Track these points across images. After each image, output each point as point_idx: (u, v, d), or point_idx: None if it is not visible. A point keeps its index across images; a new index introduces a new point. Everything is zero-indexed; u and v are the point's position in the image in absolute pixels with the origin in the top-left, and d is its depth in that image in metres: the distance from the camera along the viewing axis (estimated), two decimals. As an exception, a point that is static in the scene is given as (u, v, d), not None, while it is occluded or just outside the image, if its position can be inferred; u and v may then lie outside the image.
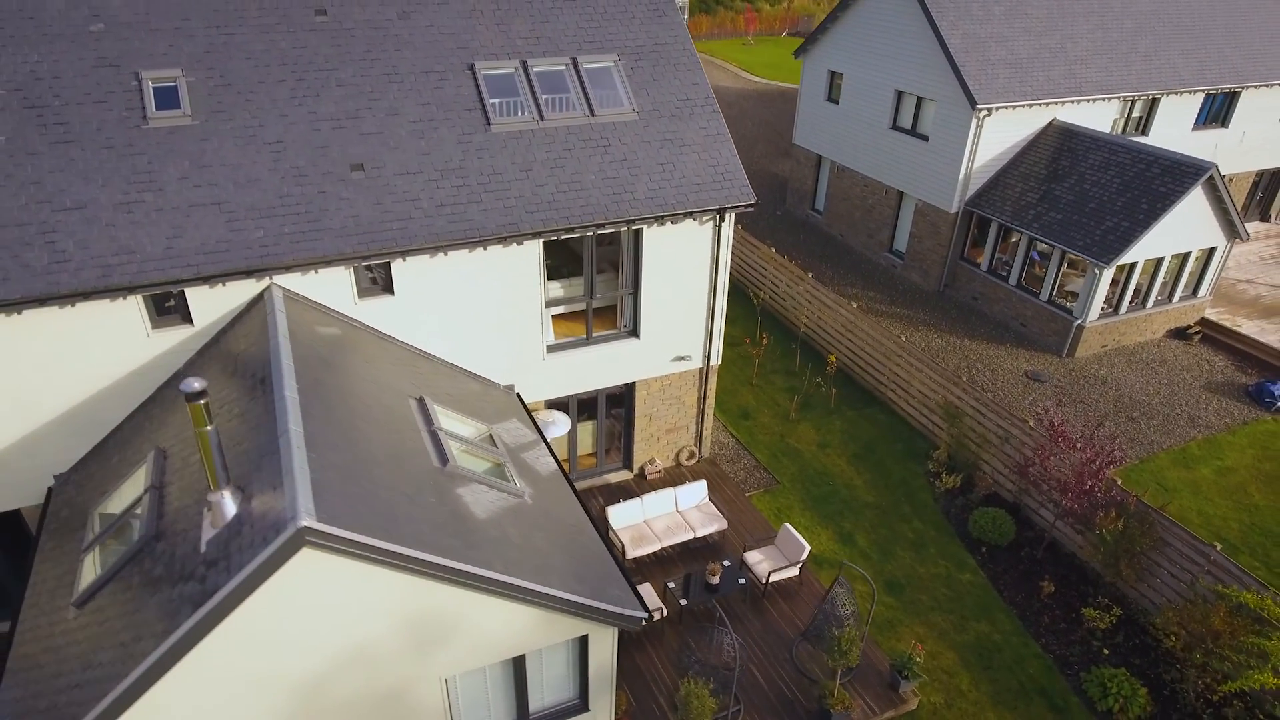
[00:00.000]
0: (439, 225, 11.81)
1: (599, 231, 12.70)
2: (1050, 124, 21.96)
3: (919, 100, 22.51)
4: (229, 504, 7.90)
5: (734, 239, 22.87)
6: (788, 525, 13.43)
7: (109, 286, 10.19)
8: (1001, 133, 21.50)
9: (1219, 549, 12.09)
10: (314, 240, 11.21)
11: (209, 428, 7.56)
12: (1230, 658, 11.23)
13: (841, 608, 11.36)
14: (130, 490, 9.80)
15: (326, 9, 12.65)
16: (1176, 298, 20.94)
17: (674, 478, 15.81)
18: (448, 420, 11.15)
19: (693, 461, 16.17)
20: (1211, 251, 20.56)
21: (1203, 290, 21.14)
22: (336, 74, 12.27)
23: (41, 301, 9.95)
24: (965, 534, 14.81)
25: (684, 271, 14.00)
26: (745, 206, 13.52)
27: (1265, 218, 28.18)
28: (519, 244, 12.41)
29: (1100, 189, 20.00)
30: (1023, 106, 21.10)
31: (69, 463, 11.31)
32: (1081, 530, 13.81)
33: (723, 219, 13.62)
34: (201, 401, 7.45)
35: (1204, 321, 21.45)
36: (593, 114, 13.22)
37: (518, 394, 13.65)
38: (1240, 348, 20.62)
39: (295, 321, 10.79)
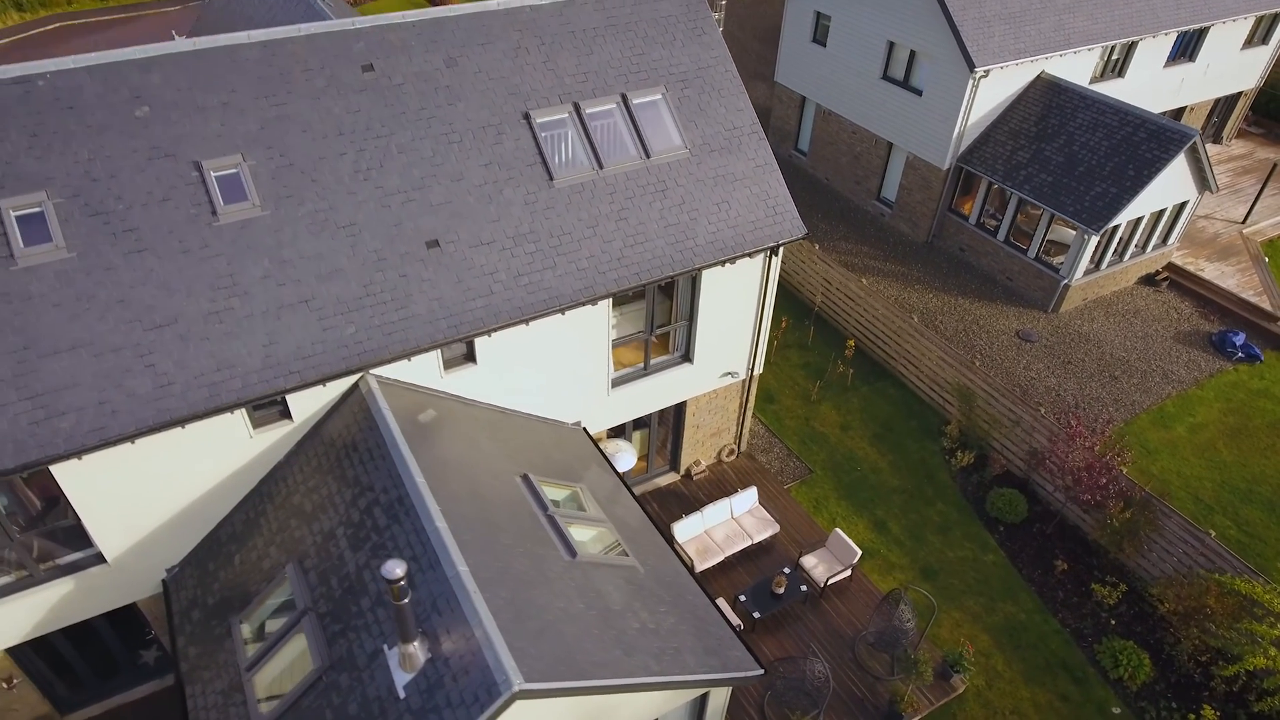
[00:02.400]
0: (519, 297, 11.96)
1: (665, 281, 13.02)
2: (1039, 77, 22.37)
3: (912, 53, 22.49)
4: (419, 653, 8.59)
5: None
6: (838, 530, 14.78)
7: (216, 407, 10.22)
8: (995, 89, 21.86)
9: (1213, 535, 14.02)
10: (404, 330, 11.29)
11: (406, 601, 8.11)
12: (1223, 635, 13.35)
13: (906, 622, 12.91)
14: (274, 603, 10.30)
15: (373, 64, 12.03)
16: (1149, 248, 22.39)
17: (716, 475, 16.91)
18: (551, 491, 11.80)
19: (732, 458, 17.24)
20: (1184, 204, 21.88)
21: (1172, 239, 22.62)
22: (395, 138, 11.87)
23: (154, 430, 9.96)
24: (983, 512, 16.52)
25: (736, 300, 14.49)
26: (796, 240, 13.94)
27: (1218, 140, 29.63)
28: (593, 304, 12.66)
29: (1089, 151, 20.83)
30: (1017, 65, 21.38)
31: (178, 556, 11.61)
32: (1089, 511, 15.59)
33: (775, 253, 14.03)
34: (400, 582, 7.95)
35: (1170, 267, 23.09)
36: (648, 156, 13.18)
37: (584, 429, 14.27)
38: (1203, 293, 22.42)
39: (400, 416, 11.07)
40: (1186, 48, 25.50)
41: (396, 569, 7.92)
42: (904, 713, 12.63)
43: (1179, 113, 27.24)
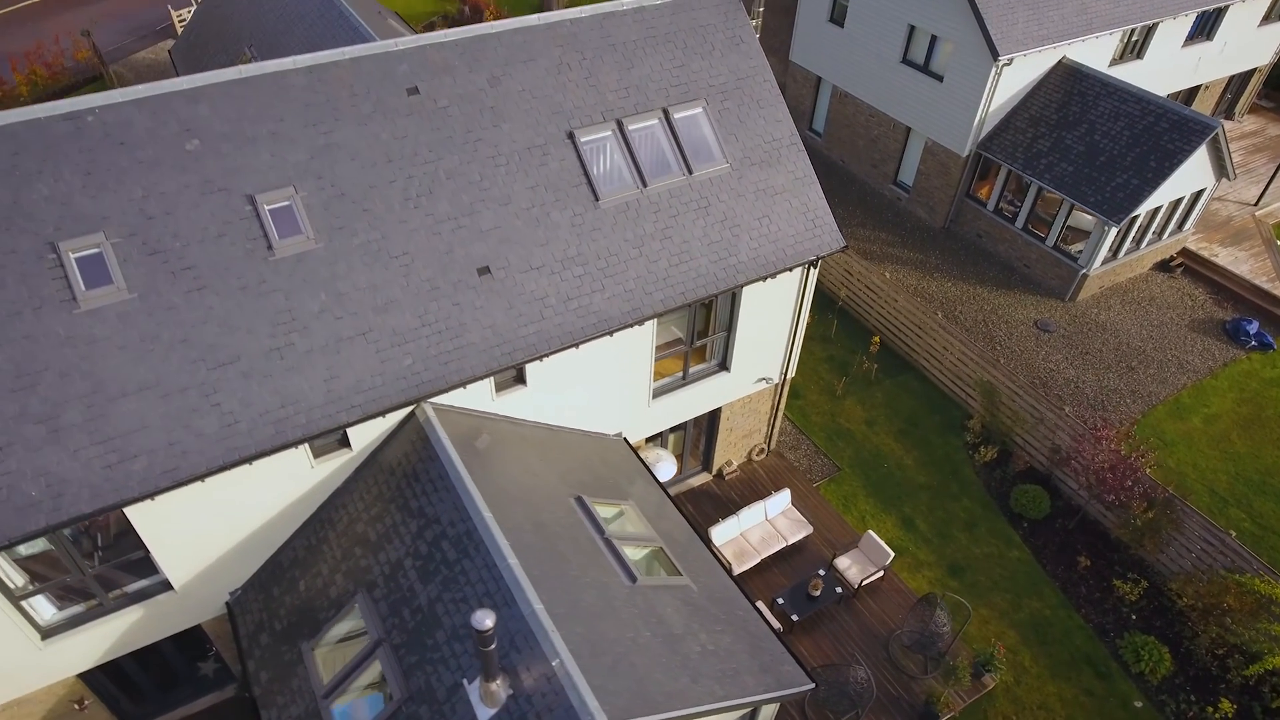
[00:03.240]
0: (569, 321, 12.07)
1: (708, 300, 13.15)
2: (1060, 62, 22.24)
3: (933, 38, 22.27)
4: (501, 690, 8.94)
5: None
6: (871, 532, 15.19)
7: (282, 444, 10.38)
8: (1016, 76, 21.73)
9: (1233, 535, 14.53)
10: (459, 359, 11.42)
11: (492, 647, 8.41)
12: (1242, 632, 13.93)
13: (942, 627, 13.41)
14: (344, 630, 10.60)
15: (418, 86, 11.91)
16: (1165, 235, 22.56)
17: (747, 474, 17.26)
18: (603, 510, 12.10)
19: (762, 456, 17.57)
20: (1201, 190, 21.99)
21: (1188, 225, 22.79)
22: (443, 163, 11.83)
23: (224, 469, 10.13)
24: (1007, 508, 16.98)
25: (773, 310, 14.63)
26: (835, 252, 14.05)
27: (1230, 115, 29.60)
28: (639, 325, 12.79)
29: (1111, 141, 20.85)
30: (1040, 51, 21.23)
31: (241, 580, 11.88)
32: (1111, 509, 16.05)
33: (813, 265, 14.14)
34: (489, 633, 8.23)
35: (1185, 252, 23.31)
36: (690, 172, 13.19)
37: (625, 439, 14.52)
38: (1216, 279, 22.69)
39: (458, 444, 11.27)
40: (1205, 26, 25.31)
41: (486, 620, 8.19)
42: (940, 713, 13.19)
43: (1194, 91, 27.18)
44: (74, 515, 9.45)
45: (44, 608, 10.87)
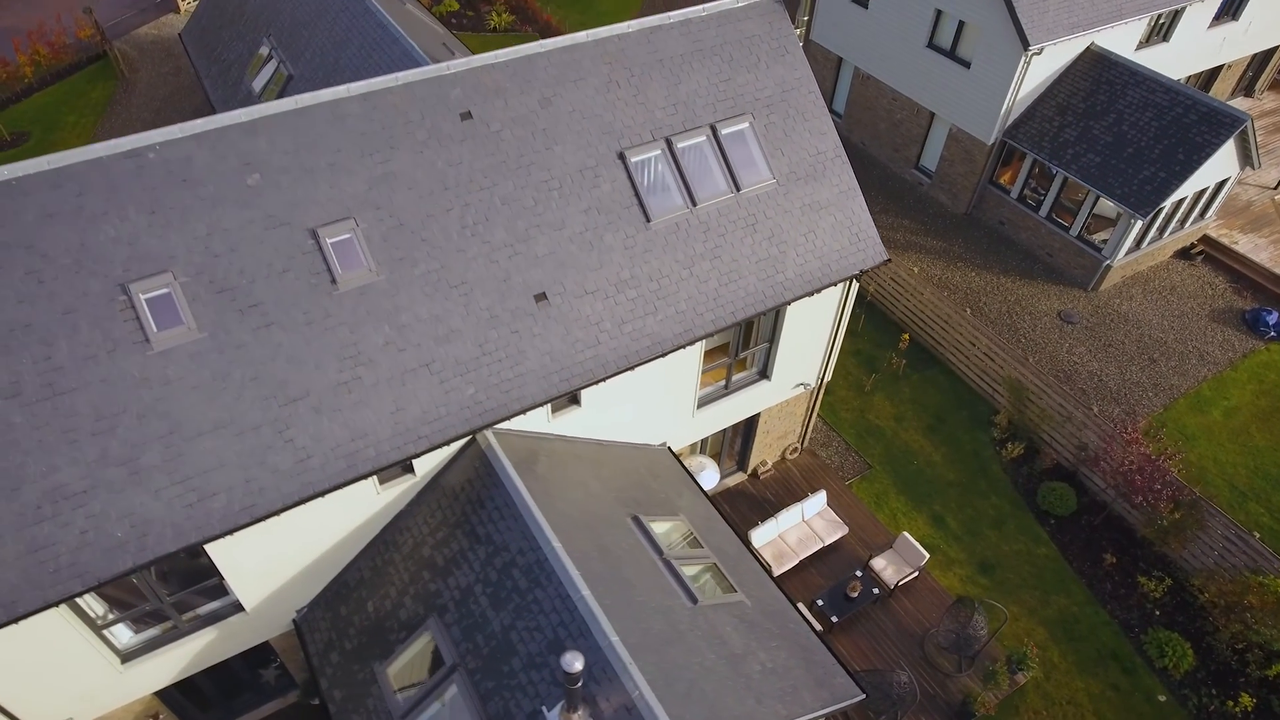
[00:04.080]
0: (623, 345, 12.24)
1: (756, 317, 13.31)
2: (1087, 49, 22.06)
3: (961, 23, 22.01)
4: (584, 721, 9.36)
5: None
6: (906, 534, 15.62)
7: (354, 476, 10.61)
8: (1045, 64, 21.58)
9: (1258, 537, 15.00)
10: (519, 387, 11.60)
11: (579, 684, 8.78)
12: (1263, 631, 14.49)
13: (980, 630, 13.91)
14: (417, 653, 10.97)
15: (470, 110, 11.86)
16: (1187, 224, 22.67)
17: (781, 473, 17.61)
18: (658, 527, 12.43)
19: (795, 455, 17.91)
20: (1225, 179, 22.05)
21: (1210, 213, 22.89)
22: (498, 189, 11.86)
23: (299, 504, 10.37)
24: (1034, 505, 17.42)
25: (814, 321, 14.80)
26: (879, 265, 14.18)
27: (1250, 93, 29.46)
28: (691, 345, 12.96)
29: (1138, 132, 20.82)
30: (1070, 40, 21.05)
31: (307, 599, 12.22)
32: (1137, 507, 16.49)
33: (855, 278, 14.26)
34: (577, 675, 8.59)
35: (1205, 239, 23.45)
36: (738, 189, 13.23)
37: (669, 449, 14.80)
38: (1236, 268, 22.88)
39: (520, 470, 11.52)
40: (1230, 6, 25.05)
41: (576, 664, 8.54)
42: (976, 712, 13.77)
43: (1216, 71, 27.00)
44: (159, 555, 9.70)
45: (122, 633, 11.19)
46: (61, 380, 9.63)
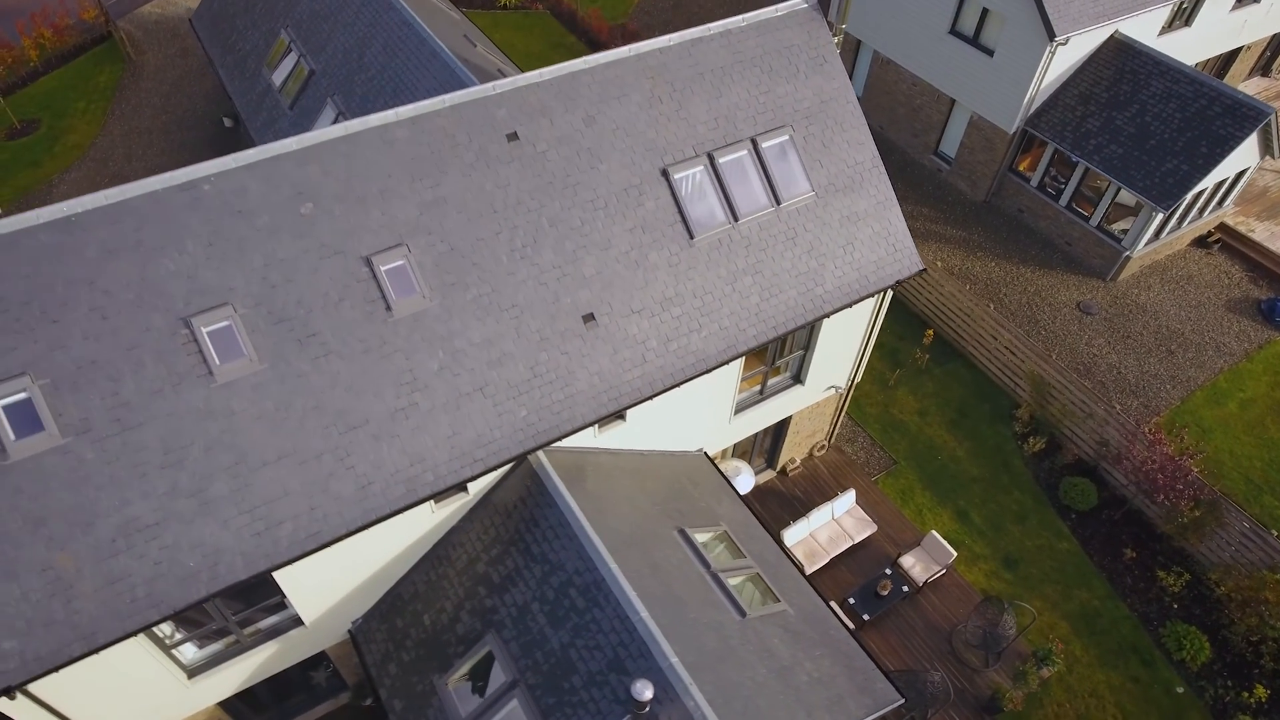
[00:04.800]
0: (669, 363, 12.42)
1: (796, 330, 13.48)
2: (1110, 38, 21.91)
3: (985, 10, 21.81)
4: (650, 739, 9.77)
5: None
6: (934, 533, 16.02)
7: (413, 501, 10.86)
8: (1069, 53, 21.45)
9: (1276, 534, 15.44)
10: (569, 408, 11.80)
11: (646, 710, 9.16)
12: (1279, 625, 15.01)
13: (1009, 630, 14.38)
14: (475, 666, 11.34)
15: (516, 131, 11.86)
16: (1206, 213, 22.77)
17: (809, 470, 17.95)
18: (701, 538, 12.75)
19: (822, 452, 18.23)
20: (1244, 169, 22.10)
21: (1228, 202, 22.98)
22: (545, 211, 11.92)
23: (362, 529, 10.63)
24: (1055, 500, 17.82)
25: (849, 330, 14.98)
26: (914, 275, 14.32)
27: (1266, 73, 29.32)
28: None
29: (1162, 124, 20.80)
30: (1095, 29, 20.90)
31: (362, 611, 12.56)
32: (1159, 504, 16.90)
33: (891, 288, 14.41)
34: (647, 704, 8.95)
35: (1222, 227, 23.57)
36: (778, 203, 13.30)
37: (705, 454, 15.08)
38: (1253, 256, 23.06)
39: (571, 488, 11.79)
40: (1253, -12, 24.83)
41: (646, 692, 8.92)
42: (1005, 708, 14.30)
43: (1235, 53, 26.83)
44: (230, 583, 9.98)
45: (188, 649, 11.53)
46: (129, 415, 9.79)
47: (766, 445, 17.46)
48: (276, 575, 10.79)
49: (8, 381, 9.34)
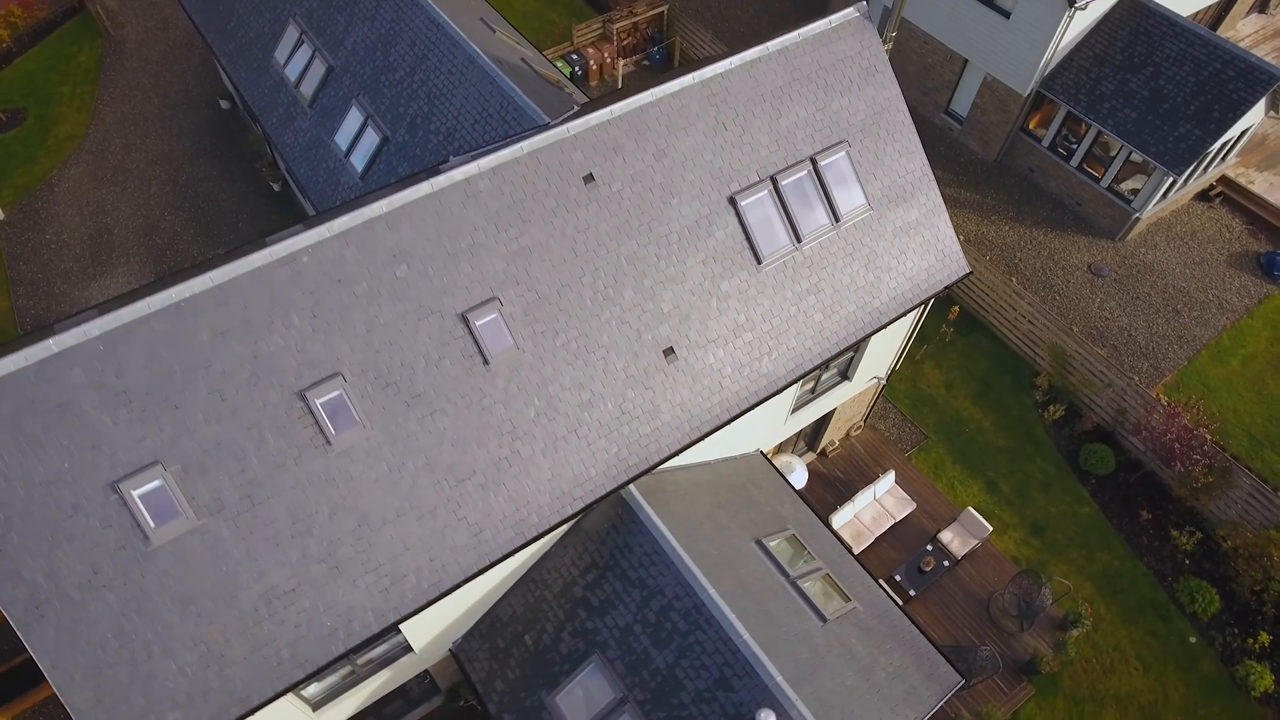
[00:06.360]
0: (743, 388, 12.98)
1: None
2: (1126, -5, 21.94)
3: (1003, -29, 21.65)
4: (762, 751, 10.82)
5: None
6: (971, 509, 17.12)
7: (522, 544, 11.50)
8: (1085, 14, 21.50)
9: (1282, 496, 16.81)
10: (656, 440, 12.38)
11: (767, 735, 10.15)
12: (1283, 581, 16.54)
13: (1047, 601, 15.66)
14: (583, 684, 12.24)
15: (592, 172, 11.98)
16: (1210, 169, 23.40)
17: (847, 450, 18.85)
18: (775, 545, 13.63)
19: (858, 432, 19.10)
20: (1249, 127, 22.64)
21: (1231, 156, 23.60)
22: (624, 250, 12.18)
23: (477, 574, 11.27)
24: (1076, 465, 19.00)
25: (895, 330, 15.58)
26: (960, 279, 14.86)
27: (1264, 9, 29.50)
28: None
29: (1175, 87, 21.14)
30: (1113, -9, 20.94)
31: (462, 631, 13.34)
32: (1170, 465, 18.12)
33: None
34: (770, 729, 9.93)
35: (1223, 179, 24.27)
36: (838, 221, 13.64)
37: (762, 454, 15.83)
38: (1252, 208, 23.87)
39: (659, 510, 12.49)
40: (1259, -69, 24.80)
41: (769, 719, 9.88)
42: (1041, 670, 15.73)
43: (1236, -6, 26.95)
44: (364, 638, 10.64)
45: (312, 686, 12.25)
46: (257, 491, 10.19)
47: (808, 432, 18.25)
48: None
49: (142, 472, 9.65)
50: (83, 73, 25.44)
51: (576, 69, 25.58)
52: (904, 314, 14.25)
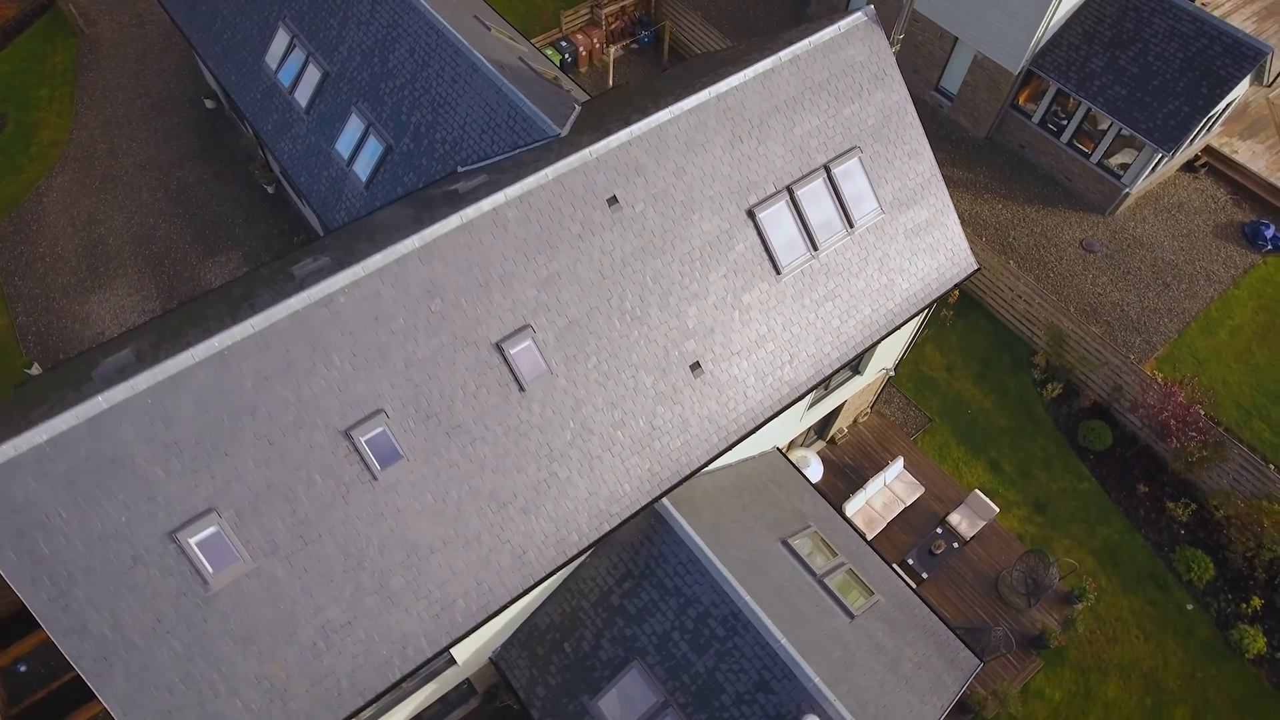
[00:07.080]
0: (766, 396, 13.31)
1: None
2: (1115, -30, 22.04)
3: (993, -51, 21.64)
4: (802, 752, 11.39)
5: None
6: (978, 491, 17.73)
7: (563, 562, 11.85)
8: (1075, -8, 21.63)
9: (1273, 468, 17.54)
10: (686, 453, 12.71)
11: (810, 738, 10.71)
12: (1276, 549, 17.34)
13: (1054, 580, 16.36)
14: (623, 689, 12.73)
15: (615, 194, 12.10)
16: (1196, 140, 23.81)
17: (855, 436, 19.33)
18: (800, 544, 14.11)
19: (865, 419, 19.57)
20: (1234, 100, 23.01)
21: (1216, 127, 24.01)
22: (649, 269, 12.37)
23: (523, 595, 11.63)
24: (1074, 442, 19.65)
25: (905, 327, 15.93)
26: (969, 277, 15.20)
27: (1241, -26, 29.68)
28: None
29: (1164, 63, 21.41)
30: (1103, -31, 21.04)
31: (501, 641, 13.75)
32: (1166, 440, 18.82)
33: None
34: (815, 734, 10.48)
35: (1208, 149, 24.71)
36: (851, 227, 13.88)
37: (779, 450, 16.25)
38: (1236, 178, 24.37)
39: (690, 519, 12.89)
40: (1242, -103, 24.89)
41: (815, 728, 10.41)
42: (1050, 644, 16.51)
43: (1219, -40, 27.12)
44: (419, 663, 11.00)
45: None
46: (309, 530, 10.41)
47: (819, 423, 18.68)
48: (445, 639, 11.82)
49: (197, 520, 9.84)
50: (59, 74, 24.76)
51: (566, 56, 25.30)
52: (918, 313, 14.59)
